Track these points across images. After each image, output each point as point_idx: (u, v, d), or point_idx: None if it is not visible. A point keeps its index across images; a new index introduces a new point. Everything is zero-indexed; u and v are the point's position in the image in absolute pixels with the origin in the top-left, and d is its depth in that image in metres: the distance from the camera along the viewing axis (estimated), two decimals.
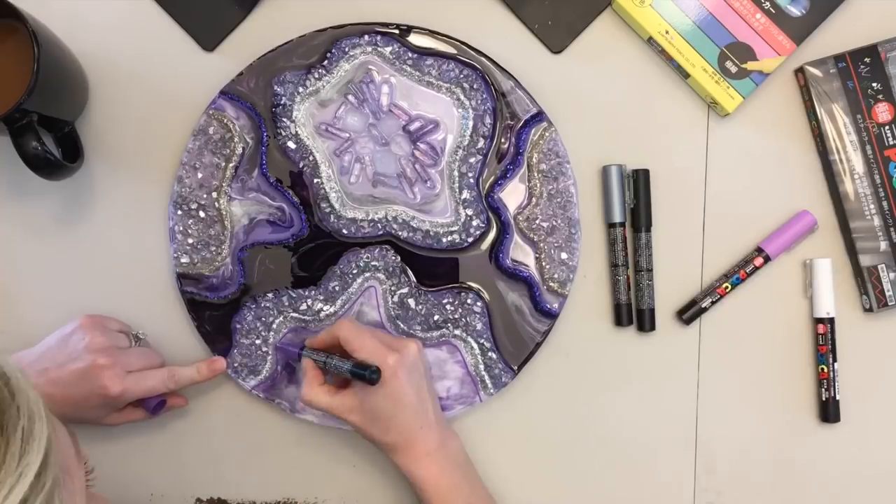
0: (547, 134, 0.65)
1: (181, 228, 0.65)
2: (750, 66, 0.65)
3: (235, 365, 0.65)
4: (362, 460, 0.67)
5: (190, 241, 0.65)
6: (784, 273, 0.67)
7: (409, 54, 0.65)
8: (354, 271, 0.66)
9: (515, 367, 0.65)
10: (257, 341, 0.66)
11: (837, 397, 0.66)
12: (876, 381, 0.67)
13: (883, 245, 0.65)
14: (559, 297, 0.65)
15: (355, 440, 0.67)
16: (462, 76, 0.65)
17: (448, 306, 0.66)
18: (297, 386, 0.65)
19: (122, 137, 0.67)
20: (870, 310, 0.66)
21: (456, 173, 0.65)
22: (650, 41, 0.66)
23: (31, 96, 0.57)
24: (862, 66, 0.65)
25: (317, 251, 0.66)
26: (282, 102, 0.65)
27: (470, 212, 0.66)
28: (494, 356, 0.66)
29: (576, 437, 0.67)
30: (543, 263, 0.66)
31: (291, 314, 0.66)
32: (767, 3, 0.65)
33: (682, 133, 0.68)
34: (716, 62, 0.65)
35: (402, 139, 0.65)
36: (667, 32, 0.65)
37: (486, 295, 0.66)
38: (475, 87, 0.65)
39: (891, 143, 0.65)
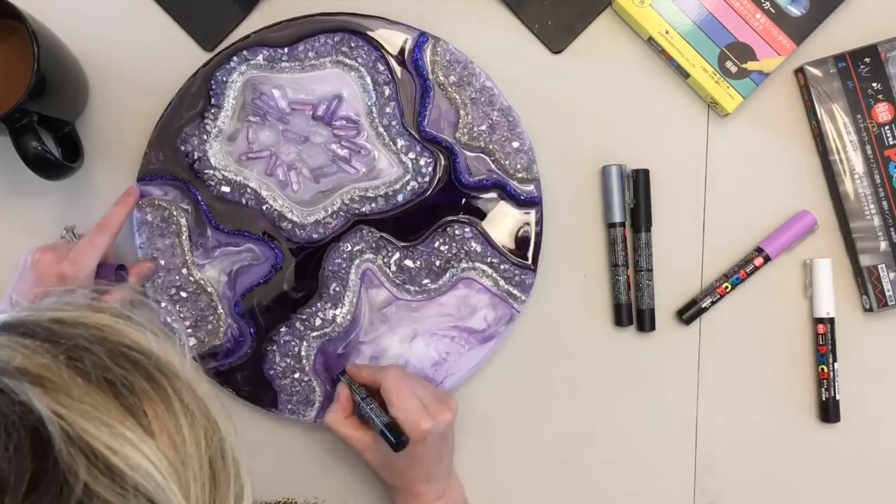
0: (439, 48, 0.66)
1: (173, 317, 0.65)
2: (750, 66, 0.65)
3: (290, 406, 0.65)
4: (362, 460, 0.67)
5: (187, 323, 0.66)
6: (784, 273, 0.67)
7: (280, 51, 0.66)
8: (344, 265, 0.66)
9: (532, 266, 0.66)
10: (296, 375, 0.66)
11: (837, 397, 0.66)
12: (876, 381, 0.67)
13: (883, 245, 0.65)
14: (532, 182, 0.65)
15: None
16: (336, 43, 0.65)
17: (442, 247, 0.66)
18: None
19: (122, 137, 0.67)
20: (870, 310, 0.66)
21: (381, 129, 0.66)
22: (650, 41, 0.66)
23: (31, 96, 0.57)
24: (862, 66, 0.65)
25: (302, 267, 0.66)
26: (196, 158, 0.66)
27: (412, 155, 0.66)
28: (507, 266, 0.66)
29: (576, 436, 0.67)
30: (501, 161, 0.66)
31: (312, 334, 0.66)
32: (767, 3, 0.65)
33: (682, 133, 0.68)
34: (716, 62, 0.65)
35: (317, 128, 0.66)
36: (667, 32, 0.65)
37: (467, 218, 0.66)
38: (352, 45, 0.65)
39: (891, 143, 0.65)
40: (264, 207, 0.66)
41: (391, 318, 0.66)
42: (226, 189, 0.66)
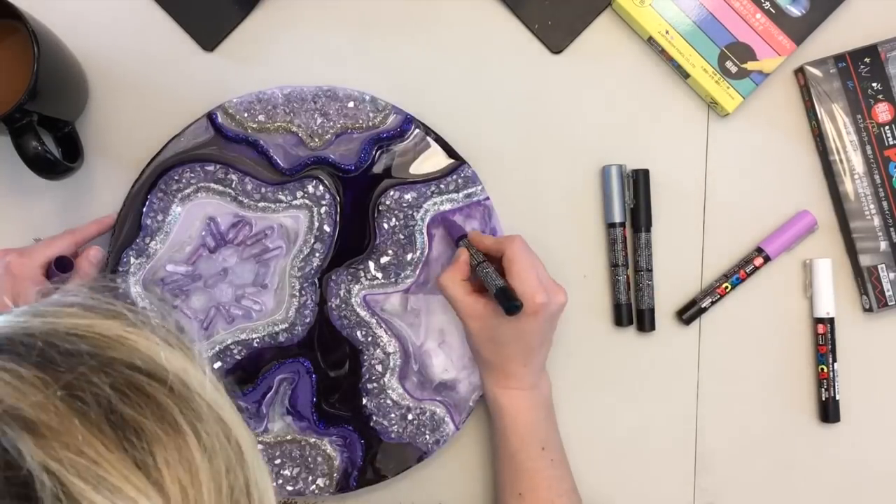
0: (230, 110, 0.65)
1: (291, 483, 0.65)
2: (750, 66, 0.65)
3: (431, 440, 0.65)
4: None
5: (303, 475, 0.65)
6: (784, 273, 0.67)
7: (139, 241, 0.65)
8: (347, 312, 0.65)
9: (457, 160, 0.65)
10: (410, 416, 0.65)
11: (837, 397, 0.66)
12: (876, 381, 0.67)
13: (883, 245, 0.65)
14: (390, 114, 0.65)
15: None
16: (164, 190, 0.64)
17: (392, 223, 0.65)
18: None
19: (122, 137, 0.67)
20: (870, 310, 0.66)
21: (262, 203, 0.65)
22: (650, 41, 0.66)
23: (31, 96, 0.57)
24: (862, 66, 0.65)
25: (324, 347, 0.65)
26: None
27: (300, 193, 0.65)
28: (446, 181, 0.65)
29: (576, 436, 0.67)
30: (357, 125, 0.65)
31: (386, 377, 0.65)
32: (767, 3, 0.65)
33: (682, 133, 0.68)
34: (716, 62, 0.65)
35: (221, 255, 0.65)
36: (667, 32, 0.65)
37: (386, 184, 0.65)
38: (175, 177, 0.64)
39: (891, 143, 0.65)
40: (255, 344, 0.65)
41: (418, 306, 0.66)
42: (218, 364, 0.65)
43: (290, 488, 0.64)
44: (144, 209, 0.65)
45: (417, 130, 0.65)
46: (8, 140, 0.60)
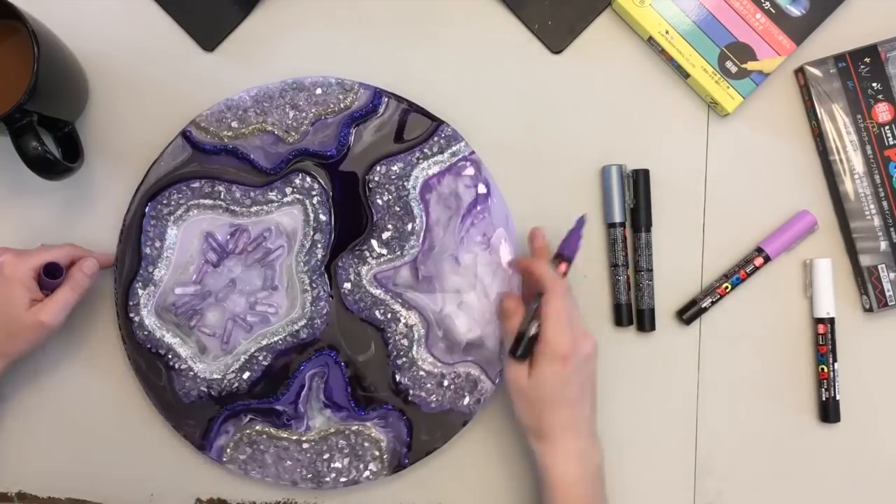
0: (202, 124, 0.65)
1: (345, 475, 0.65)
2: (750, 66, 0.65)
3: (471, 403, 0.65)
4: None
5: (354, 463, 0.65)
6: (784, 273, 0.67)
7: (142, 271, 0.65)
8: (361, 295, 0.66)
9: (434, 120, 0.65)
10: (445, 382, 0.65)
11: (837, 397, 0.66)
12: (876, 381, 0.68)
13: (883, 245, 0.65)
14: (357, 91, 0.65)
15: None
16: (155, 215, 0.65)
17: (386, 198, 0.65)
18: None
19: (122, 138, 0.67)
20: (870, 310, 0.66)
21: (254, 207, 0.65)
22: (650, 41, 0.66)
23: (31, 96, 0.57)
24: (862, 66, 0.65)
25: (347, 332, 0.66)
26: (207, 391, 0.65)
27: (290, 188, 0.65)
28: (427, 145, 0.65)
29: None
30: (329, 110, 0.65)
31: (414, 349, 0.65)
32: (767, 3, 0.65)
33: (682, 133, 0.68)
34: (716, 62, 0.65)
35: (225, 266, 0.65)
36: (667, 32, 0.65)
37: (367, 161, 0.65)
38: (164, 201, 0.65)
39: (891, 143, 0.65)
40: (280, 347, 0.65)
41: (431, 271, 0.66)
42: (247, 375, 0.65)
43: (343, 479, 0.65)
44: (141, 239, 0.65)
45: (389, 101, 0.65)
46: (8, 140, 0.60)
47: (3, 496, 0.69)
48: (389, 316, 0.66)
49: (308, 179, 0.65)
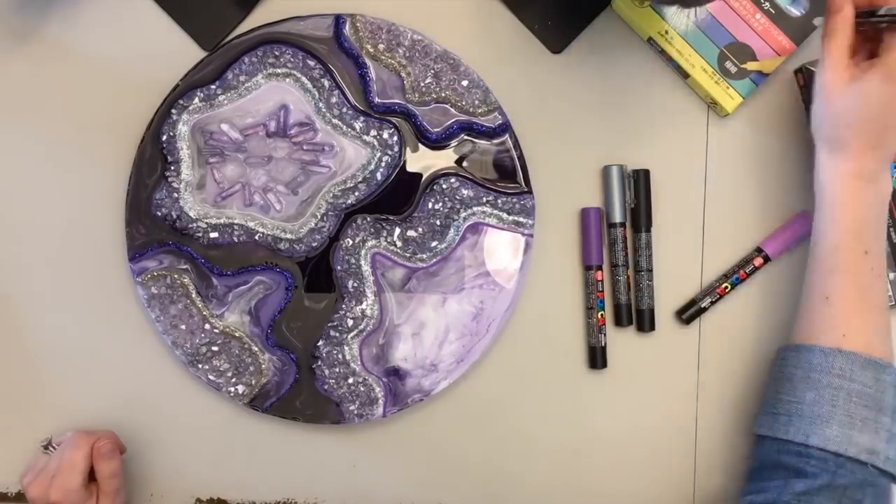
0: (358, 23, 0.66)
1: (214, 374, 0.65)
2: (750, 66, 0.65)
3: (355, 411, 0.65)
4: (362, 460, 0.68)
5: (229, 373, 0.66)
6: (784, 273, 0.67)
7: (211, 87, 0.66)
8: (352, 259, 0.66)
9: (527, 187, 0.66)
10: (350, 380, 0.66)
11: None
12: None
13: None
14: (493, 111, 0.66)
15: (355, 440, 0.67)
16: (260, 58, 0.66)
17: (436, 206, 0.66)
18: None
19: (121, 138, 0.67)
20: None
21: (335, 120, 0.66)
22: (650, 41, 0.66)
23: None
24: None
25: (314, 277, 0.66)
26: (174, 217, 0.66)
27: (374, 132, 0.66)
28: (504, 199, 0.66)
29: (576, 436, 0.67)
30: (458, 104, 0.66)
31: (349, 336, 0.66)
32: (767, 4, 0.65)
33: (682, 133, 0.68)
34: (715, 62, 0.65)
35: (275, 144, 0.66)
36: (666, 32, 0.65)
37: (449, 168, 0.66)
38: (276, 54, 0.66)
39: None
40: (257, 237, 0.66)
41: (416, 290, 0.66)
42: (214, 235, 0.66)
43: (211, 378, 0.65)
44: (233, 63, 0.66)
45: (508, 139, 0.66)
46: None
47: (2, 496, 0.69)
48: (357, 293, 0.66)
49: (395, 138, 0.66)
